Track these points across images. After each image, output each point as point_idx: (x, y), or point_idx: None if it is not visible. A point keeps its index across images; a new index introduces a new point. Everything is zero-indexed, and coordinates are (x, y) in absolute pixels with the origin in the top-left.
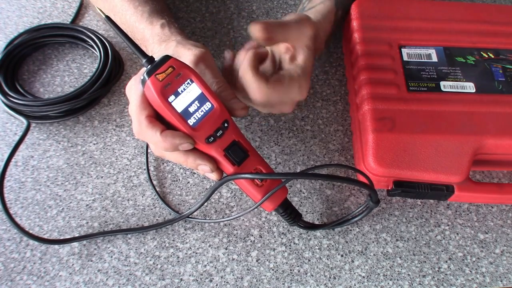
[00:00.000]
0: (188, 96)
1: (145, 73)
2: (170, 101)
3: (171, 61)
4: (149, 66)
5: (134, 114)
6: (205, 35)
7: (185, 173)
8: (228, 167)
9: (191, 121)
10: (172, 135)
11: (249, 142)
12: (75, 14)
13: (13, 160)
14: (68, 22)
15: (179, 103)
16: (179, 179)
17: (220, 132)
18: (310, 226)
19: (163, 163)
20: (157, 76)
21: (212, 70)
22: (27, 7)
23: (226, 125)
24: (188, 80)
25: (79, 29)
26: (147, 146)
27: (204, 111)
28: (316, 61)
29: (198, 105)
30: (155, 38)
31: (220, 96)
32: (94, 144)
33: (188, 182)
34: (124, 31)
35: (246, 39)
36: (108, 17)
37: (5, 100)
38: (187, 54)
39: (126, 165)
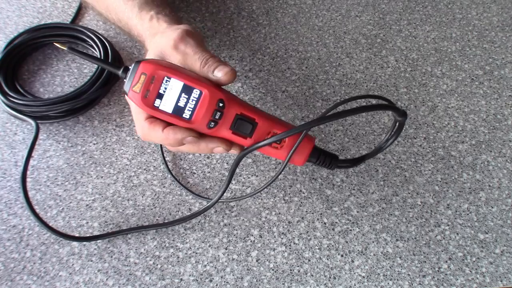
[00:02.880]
0: (172, 93)
1: (124, 87)
2: (157, 106)
3: (141, 68)
4: (125, 77)
5: (135, 119)
6: (205, 35)
7: (185, 173)
8: (242, 141)
9: (186, 115)
10: (174, 132)
11: (254, 108)
12: (75, 14)
13: (13, 160)
14: (68, 22)
15: (167, 103)
16: (179, 179)
17: (219, 114)
18: (352, 162)
19: (163, 163)
20: (134, 88)
21: (192, 46)
22: (27, 7)
23: (221, 104)
24: (165, 78)
25: (79, 29)
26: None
27: (195, 100)
28: (316, 60)
29: (187, 96)
30: (147, 33)
31: (203, 71)
32: (94, 144)
33: (188, 182)
34: (123, 28)
35: (246, 39)
36: (70, 48)
37: (5, 100)
38: (165, 41)
39: (126, 165)
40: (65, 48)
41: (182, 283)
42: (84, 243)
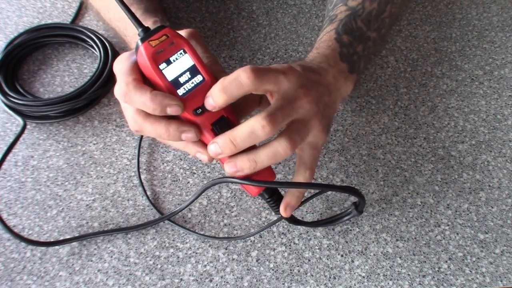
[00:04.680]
0: (179, 66)
1: (139, 39)
2: (161, 69)
3: (166, 30)
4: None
5: (121, 75)
6: (205, 35)
7: (185, 173)
8: None
9: (180, 91)
10: (163, 95)
11: (238, 121)
12: (75, 14)
13: (13, 160)
14: (68, 22)
15: (170, 72)
16: (179, 179)
17: None
18: (294, 220)
19: (163, 163)
20: (150, 42)
21: (202, 46)
22: (27, 7)
23: None
24: (181, 50)
25: (79, 29)
26: (139, 147)
27: (195, 83)
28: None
29: (189, 76)
30: None
31: (210, 69)
32: (94, 144)
33: (188, 182)
34: (117, 28)
35: (246, 39)
36: None
37: (5, 100)
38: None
39: (126, 165)
40: None
41: (182, 283)
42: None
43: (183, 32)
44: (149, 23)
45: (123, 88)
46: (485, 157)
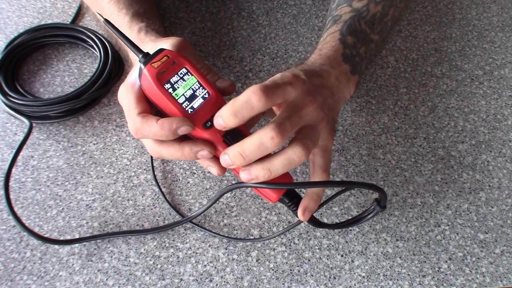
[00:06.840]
0: (183, 83)
1: (141, 63)
2: (167, 88)
3: (166, 51)
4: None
5: (128, 116)
6: (205, 35)
7: (185, 173)
8: None
9: (188, 108)
10: (169, 121)
11: (248, 130)
12: (75, 14)
13: None
14: (68, 22)
15: (175, 90)
16: (179, 179)
17: None
18: (317, 223)
19: (163, 163)
20: (152, 64)
21: (193, 56)
22: (27, 7)
23: None
24: (183, 68)
25: (79, 29)
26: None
27: (200, 98)
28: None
29: (195, 92)
30: None
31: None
32: (94, 144)
33: (188, 182)
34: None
35: (246, 39)
36: (107, 20)
37: (5, 100)
38: (164, 45)
39: (126, 165)
40: (102, 19)
41: (182, 283)
42: (70, 245)
43: (170, 42)
44: (134, 31)
45: (132, 126)
46: (485, 157)
